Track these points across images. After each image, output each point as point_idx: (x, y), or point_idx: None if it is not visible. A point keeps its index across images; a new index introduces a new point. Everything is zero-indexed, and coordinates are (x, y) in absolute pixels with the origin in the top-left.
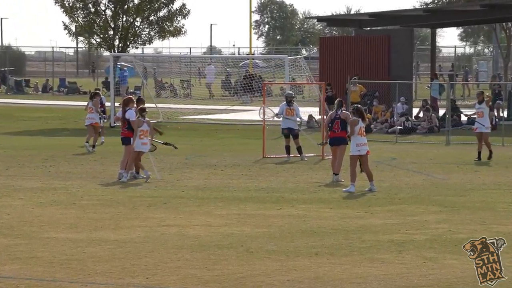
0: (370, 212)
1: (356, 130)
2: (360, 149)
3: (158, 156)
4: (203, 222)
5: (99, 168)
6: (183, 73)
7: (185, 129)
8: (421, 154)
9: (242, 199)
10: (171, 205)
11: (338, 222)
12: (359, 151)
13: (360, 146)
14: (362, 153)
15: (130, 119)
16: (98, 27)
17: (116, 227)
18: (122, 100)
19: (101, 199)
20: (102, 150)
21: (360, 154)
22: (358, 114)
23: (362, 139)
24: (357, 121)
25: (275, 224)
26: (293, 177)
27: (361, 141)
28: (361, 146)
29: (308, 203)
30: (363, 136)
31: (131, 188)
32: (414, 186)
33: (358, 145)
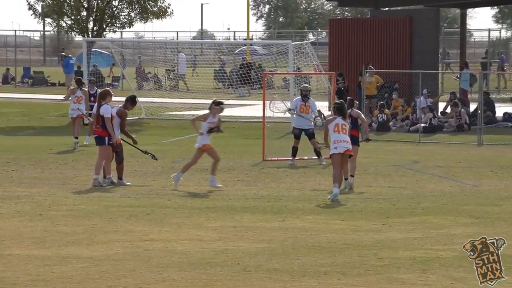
0: (388, 225)
1: (330, 128)
2: (337, 146)
3: (140, 159)
4: (192, 236)
5: (71, 173)
6: (169, 62)
7: (171, 127)
8: (448, 157)
9: (238, 209)
10: (155, 216)
11: (351, 236)
12: (335, 148)
13: (336, 143)
14: (339, 151)
15: (105, 115)
16: (68, 7)
17: (90, 242)
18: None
19: (73, 209)
20: (73, 151)
21: (338, 152)
22: (339, 112)
23: (340, 136)
24: (332, 119)
25: (277, 239)
26: (299, 183)
27: (338, 138)
28: (338, 143)
29: (315, 213)
30: (341, 133)
31: (108, 196)
32: (440, 194)
33: (334, 142)
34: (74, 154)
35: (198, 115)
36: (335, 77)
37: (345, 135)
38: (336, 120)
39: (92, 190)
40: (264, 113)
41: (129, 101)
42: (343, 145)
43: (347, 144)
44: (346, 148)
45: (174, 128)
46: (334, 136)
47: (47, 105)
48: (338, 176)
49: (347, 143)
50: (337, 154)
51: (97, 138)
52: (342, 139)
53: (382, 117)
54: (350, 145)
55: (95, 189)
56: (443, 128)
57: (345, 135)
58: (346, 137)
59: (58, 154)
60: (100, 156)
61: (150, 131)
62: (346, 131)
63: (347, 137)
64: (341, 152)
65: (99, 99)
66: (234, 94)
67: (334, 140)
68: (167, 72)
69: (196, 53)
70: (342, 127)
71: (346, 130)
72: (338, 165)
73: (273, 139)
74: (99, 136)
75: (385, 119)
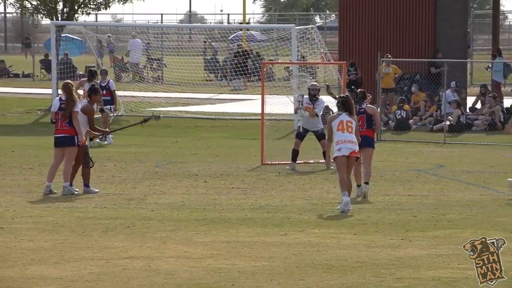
0: (408, 239)
1: (334, 126)
2: (340, 148)
3: (118, 163)
4: (179, 253)
5: (37, 179)
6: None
7: (154, 126)
8: (478, 160)
9: (233, 222)
10: (136, 229)
11: (365, 253)
12: (339, 150)
13: (340, 144)
14: (344, 153)
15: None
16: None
17: (60, 260)
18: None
19: (40, 221)
20: (40, 154)
21: (342, 154)
22: (343, 107)
23: (345, 135)
24: (336, 115)
25: (279, 256)
26: (303, 191)
27: (342, 138)
28: (342, 144)
29: (323, 226)
30: (346, 132)
31: (81, 207)
32: (469, 203)
33: (338, 142)
34: (41, 157)
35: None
36: (346, 67)
37: (351, 134)
38: (340, 116)
39: (62, 199)
40: (263, 109)
41: (92, 92)
42: (347, 146)
43: (353, 144)
44: (351, 149)
45: (158, 127)
46: (338, 136)
47: (9, 100)
48: (346, 182)
49: (352, 144)
50: (341, 157)
51: (63, 138)
52: (346, 139)
53: (400, 114)
54: (357, 146)
55: (65, 198)
56: (472, 126)
57: (351, 134)
58: (352, 136)
59: (22, 157)
60: (68, 159)
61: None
62: (352, 129)
63: (353, 136)
64: (345, 154)
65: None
66: (228, 87)
67: (338, 140)
68: (150, 62)
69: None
70: (348, 124)
71: (352, 129)
72: (344, 170)
73: (273, 139)
74: (66, 136)
75: (405, 116)
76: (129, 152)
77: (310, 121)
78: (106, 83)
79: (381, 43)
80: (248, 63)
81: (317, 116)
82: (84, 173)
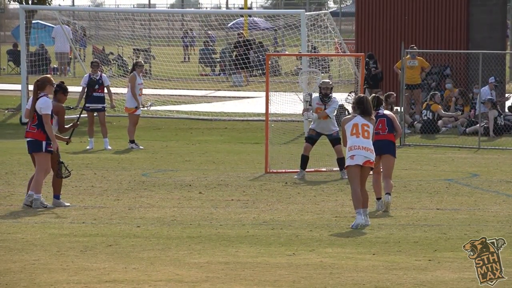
0: (436, 261)
1: (347, 129)
2: (353, 155)
3: (99, 171)
4: (170, 276)
5: (4, 189)
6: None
7: (140, 127)
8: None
9: (232, 239)
10: (119, 248)
11: (386, 276)
12: (351, 158)
13: (353, 150)
14: (357, 162)
15: (43, 111)
16: None
17: (30, 283)
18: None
19: (7, 239)
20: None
21: (355, 163)
22: (358, 107)
23: (359, 141)
24: (350, 117)
25: (285, 279)
26: (314, 204)
27: (355, 143)
28: (355, 151)
29: (337, 245)
30: (361, 137)
31: (56, 222)
32: (508, 219)
33: (350, 149)
34: (9, 165)
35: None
36: (365, 59)
37: (367, 139)
38: (355, 119)
39: (33, 213)
40: (267, 108)
41: (60, 90)
42: (362, 153)
43: (368, 152)
44: (366, 158)
45: (145, 129)
46: (351, 141)
47: None
48: (359, 196)
49: (368, 151)
50: (354, 167)
51: (30, 142)
52: (361, 145)
53: (427, 115)
54: (373, 155)
55: (36, 212)
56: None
57: (367, 139)
58: (369, 142)
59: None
60: (38, 167)
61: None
62: (369, 134)
63: (370, 142)
64: (359, 163)
65: (36, 89)
66: (227, 83)
67: (351, 146)
68: (136, 53)
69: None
70: (363, 128)
71: (369, 133)
72: (357, 182)
73: (279, 144)
74: (33, 140)
75: (433, 116)
76: (111, 158)
77: (323, 124)
78: (98, 76)
79: (405, 32)
80: (250, 55)
81: (330, 118)
82: (55, 182)
